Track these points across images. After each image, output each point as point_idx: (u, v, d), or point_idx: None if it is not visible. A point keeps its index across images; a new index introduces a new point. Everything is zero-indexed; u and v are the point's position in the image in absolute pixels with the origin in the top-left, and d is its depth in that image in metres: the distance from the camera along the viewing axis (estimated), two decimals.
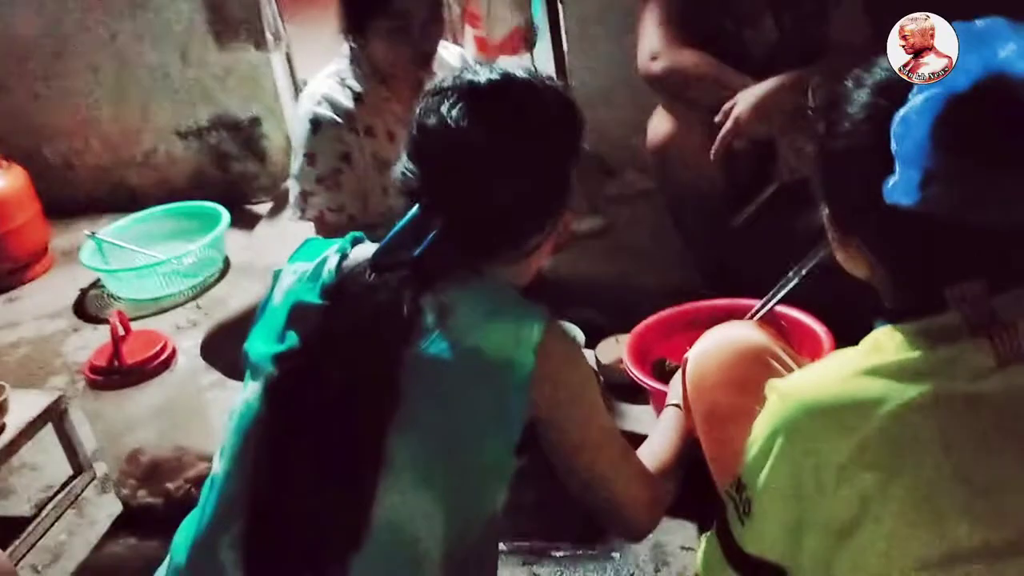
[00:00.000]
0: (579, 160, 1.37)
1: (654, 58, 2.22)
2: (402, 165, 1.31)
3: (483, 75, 1.29)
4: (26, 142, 3.59)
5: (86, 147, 3.64)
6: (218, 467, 1.28)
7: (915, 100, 0.95)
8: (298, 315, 1.27)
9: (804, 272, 1.82)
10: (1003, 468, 0.96)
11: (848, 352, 1.06)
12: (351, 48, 2.24)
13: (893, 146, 0.95)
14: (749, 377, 1.38)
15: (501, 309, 1.26)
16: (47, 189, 3.58)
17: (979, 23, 0.97)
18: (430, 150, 1.28)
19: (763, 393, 1.10)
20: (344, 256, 1.30)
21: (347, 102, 2.21)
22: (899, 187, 0.95)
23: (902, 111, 0.95)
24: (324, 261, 1.30)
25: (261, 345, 1.29)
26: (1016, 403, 0.96)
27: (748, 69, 2.18)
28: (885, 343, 1.02)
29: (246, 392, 1.29)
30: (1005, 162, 0.94)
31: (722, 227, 2.46)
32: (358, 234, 1.37)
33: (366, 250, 1.30)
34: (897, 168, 0.95)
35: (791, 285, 1.86)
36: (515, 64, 1.35)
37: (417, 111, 1.31)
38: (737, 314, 1.96)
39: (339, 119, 2.19)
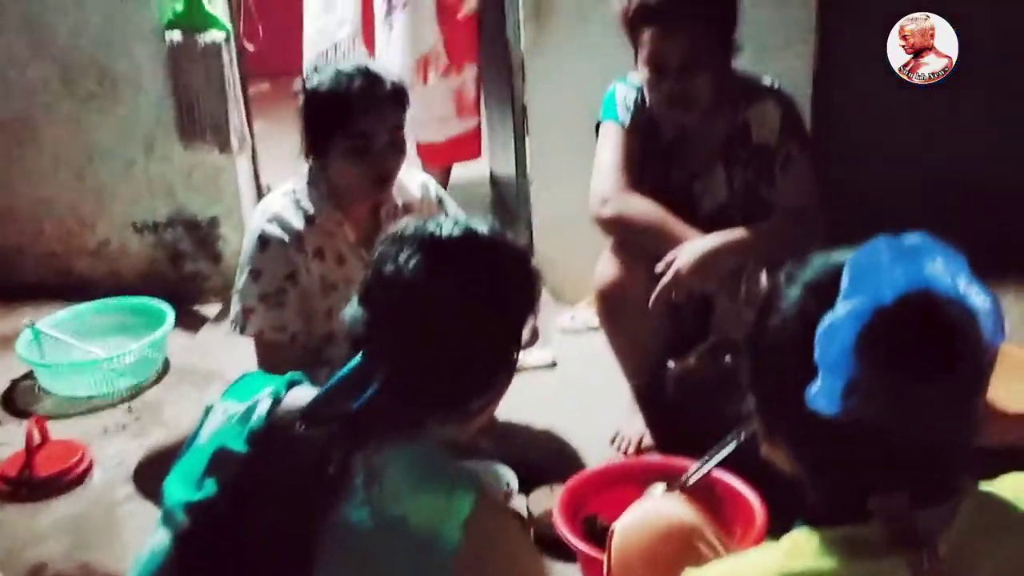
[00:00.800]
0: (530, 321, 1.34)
1: (604, 202, 2.24)
2: (351, 309, 1.27)
3: (445, 228, 1.27)
4: None
5: (39, 232, 3.58)
6: None
7: (840, 309, 0.93)
8: (219, 462, 1.20)
9: (742, 437, 1.79)
10: None
11: (766, 551, 1.03)
12: (310, 169, 2.24)
13: (816, 353, 0.93)
14: (674, 558, 1.34)
15: (432, 477, 1.20)
16: None
17: (908, 238, 0.97)
18: (381, 299, 1.25)
19: None
20: (277, 401, 1.25)
21: (298, 223, 2.19)
22: (821, 395, 0.93)
23: (827, 319, 0.94)
24: (256, 404, 1.24)
25: (178, 489, 1.22)
26: None
27: (696, 222, 2.20)
28: (803, 548, 0.99)
29: (154, 538, 1.22)
30: (928, 379, 0.92)
31: (665, 377, 2.44)
32: (297, 376, 1.32)
33: (302, 396, 1.24)
34: (820, 375, 0.93)
35: (728, 449, 1.82)
36: (479, 220, 1.34)
37: (374, 256, 1.29)
38: (674, 473, 1.92)
39: (287, 239, 2.17)
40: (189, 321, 3.35)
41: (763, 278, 2.11)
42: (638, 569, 1.39)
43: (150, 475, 1.85)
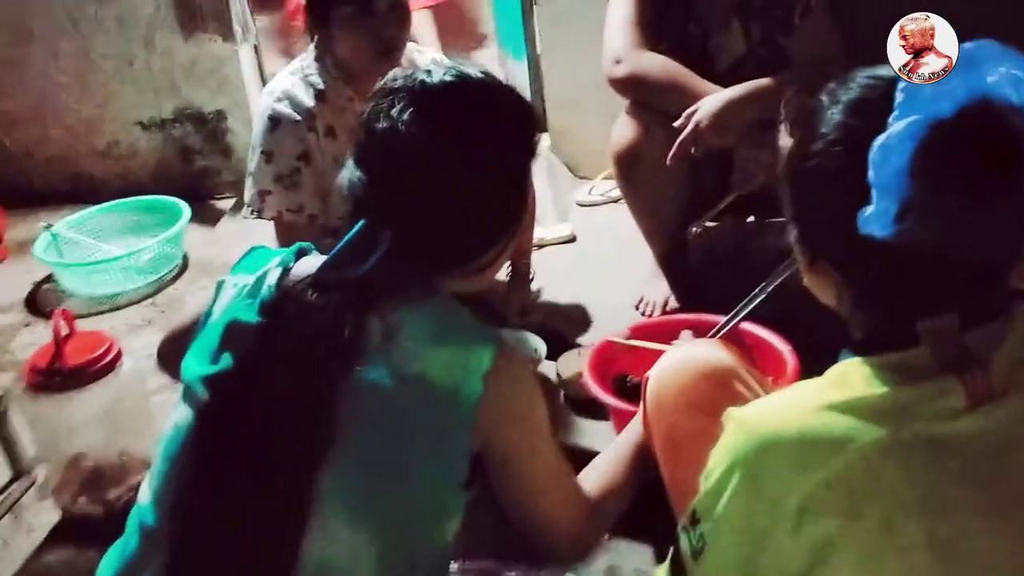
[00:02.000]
0: (532, 165, 1.30)
1: (618, 62, 2.18)
2: (349, 171, 1.23)
3: (436, 75, 1.22)
4: None
5: (46, 136, 3.53)
6: (145, 495, 1.21)
7: (896, 127, 0.88)
8: (233, 334, 1.18)
9: (770, 289, 1.78)
10: (968, 513, 0.91)
11: (812, 383, 1.00)
12: (316, 45, 2.18)
13: (870, 175, 0.89)
14: (710, 399, 1.33)
15: (450, 332, 1.18)
16: (5, 178, 3.50)
17: (968, 45, 0.91)
18: (378, 157, 1.21)
19: (723, 417, 1.05)
20: (287, 270, 1.22)
21: (308, 100, 2.14)
22: (875, 218, 0.89)
23: (881, 138, 0.89)
24: (265, 275, 1.22)
25: (195, 364, 1.20)
26: (984, 446, 0.92)
27: (713, 78, 2.13)
28: (851, 376, 0.97)
29: (177, 414, 1.21)
30: (989, 196, 0.88)
31: (686, 238, 2.42)
32: (306, 245, 1.30)
33: (311, 264, 1.21)
34: (873, 198, 0.89)
35: (757, 302, 1.82)
36: (470, 64, 1.30)
37: (366, 112, 1.24)
38: (702, 330, 1.91)
39: (299, 117, 2.13)
40: (205, 216, 3.33)
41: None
42: (674, 413, 1.38)
43: (172, 353, 1.84)
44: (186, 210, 3.07)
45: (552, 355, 2.21)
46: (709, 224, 2.47)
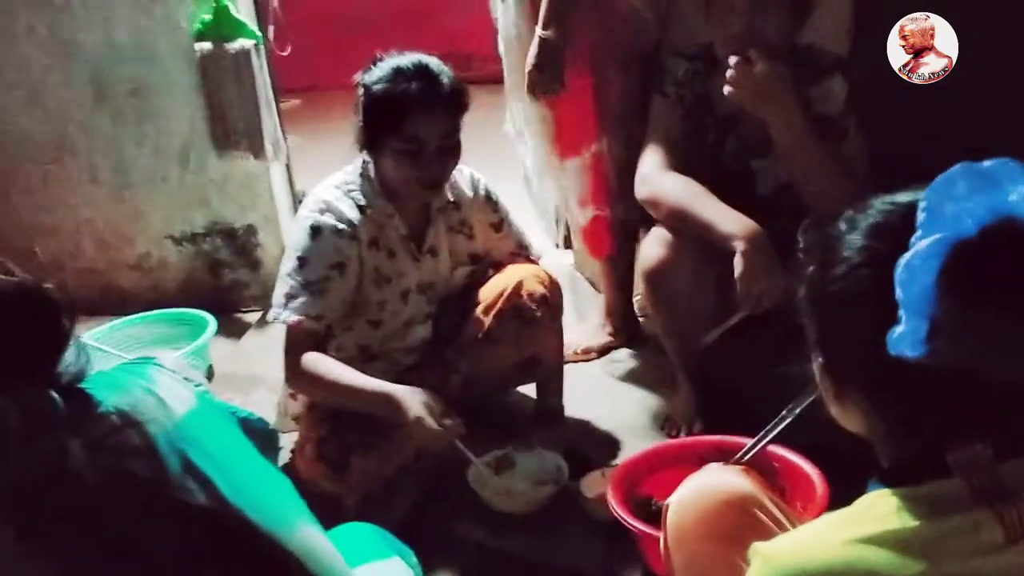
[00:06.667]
0: None
1: (643, 181, 2.22)
2: None
3: None
4: (17, 240, 3.55)
5: (78, 248, 3.60)
6: None
7: (919, 245, 0.88)
8: None
9: (798, 411, 1.74)
10: None
11: (841, 515, 0.97)
12: (364, 162, 2.22)
13: (897, 294, 0.88)
14: (732, 528, 1.31)
15: None
16: None
17: (987, 164, 0.91)
18: None
19: (746, 545, 1.01)
20: None
21: (350, 212, 2.17)
22: (905, 338, 0.87)
23: (906, 256, 0.88)
24: None
25: None
26: None
27: (754, 200, 2.13)
28: (882, 509, 0.93)
29: None
30: (1018, 310, 0.87)
31: (716, 357, 2.39)
32: None
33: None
34: (902, 318, 0.88)
35: (783, 424, 1.78)
36: None
37: None
38: (728, 452, 1.87)
39: (343, 226, 2.15)
40: (231, 329, 3.34)
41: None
42: (696, 541, 1.35)
43: None
44: (212, 323, 3.09)
45: (576, 475, 2.16)
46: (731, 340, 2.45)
